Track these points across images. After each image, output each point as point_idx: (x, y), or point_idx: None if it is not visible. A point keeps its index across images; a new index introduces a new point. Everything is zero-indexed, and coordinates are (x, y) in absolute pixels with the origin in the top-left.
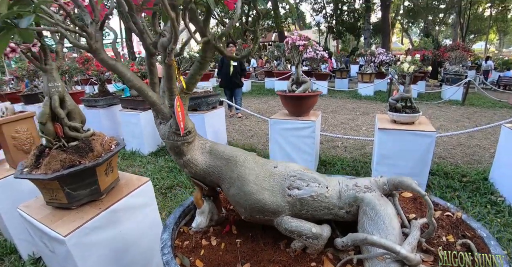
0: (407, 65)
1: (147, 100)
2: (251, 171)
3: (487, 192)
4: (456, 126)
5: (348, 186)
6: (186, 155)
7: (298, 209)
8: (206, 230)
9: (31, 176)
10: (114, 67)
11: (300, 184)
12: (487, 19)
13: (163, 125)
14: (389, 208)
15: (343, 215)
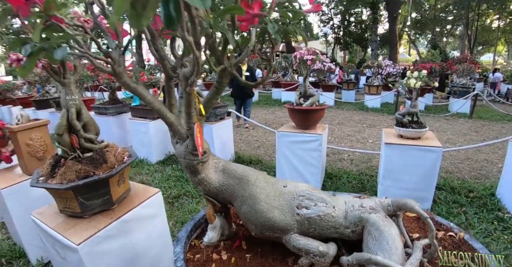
0: (414, 81)
1: (165, 121)
2: (262, 190)
3: (494, 208)
4: (464, 139)
5: (354, 207)
6: (200, 174)
7: (306, 227)
8: (217, 244)
9: (47, 185)
10: (135, 90)
11: (308, 203)
12: (495, 31)
13: (179, 144)
14: (393, 229)
15: (349, 234)
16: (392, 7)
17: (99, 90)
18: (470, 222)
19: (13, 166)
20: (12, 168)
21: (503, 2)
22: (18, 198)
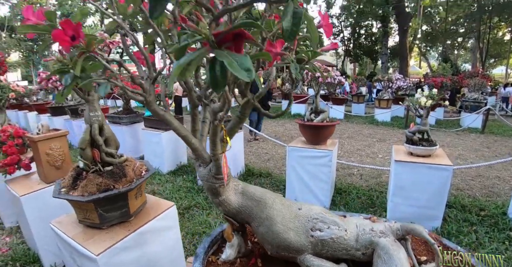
0: (425, 100)
1: (190, 147)
2: (279, 213)
3: (506, 228)
4: (475, 155)
5: (365, 230)
6: (221, 196)
7: (319, 249)
8: (233, 261)
9: (69, 197)
10: (164, 117)
11: (322, 226)
12: (507, 44)
13: (202, 168)
14: (401, 253)
15: (360, 256)
16: (402, 20)
17: (112, 97)
18: (480, 242)
19: (30, 173)
20: (30, 175)
21: None
22: (36, 205)
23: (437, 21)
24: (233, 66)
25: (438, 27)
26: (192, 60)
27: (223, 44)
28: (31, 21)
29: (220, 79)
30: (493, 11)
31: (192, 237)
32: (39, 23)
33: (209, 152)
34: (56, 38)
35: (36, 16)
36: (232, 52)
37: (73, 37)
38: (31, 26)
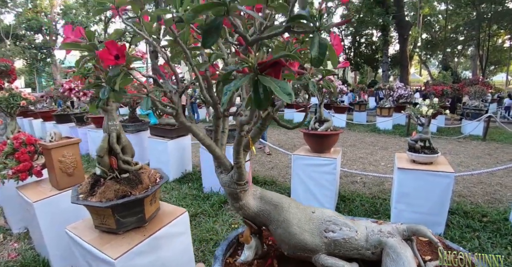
0: (426, 109)
1: (214, 155)
2: (295, 216)
3: (508, 233)
4: (477, 162)
5: (374, 231)
6: (242, 200)
7: (333, 248)
8: (251, 262)
9: (88, 202)
10: (190, 128)
11: (334, 228)
12: (507, 51)
13: (224, 174)
14: (408, 251)
15: (369, 255)
16: (402, 29)
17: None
18: (483, 247)
19: (41, 180)
20: (41, 182)
21: None
22: (48, 211)
23: (436, 29)
24: (277, 90)
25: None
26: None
27: (264, 71)
28: (70, 39)
29: (264, 100)
30: (492, 19)
31: (200, 244)
32: (77, 40)
33: (233, 160)
34: (102, 57)
35: (74, 34)
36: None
37: (117, 56)
38: (73, 44)
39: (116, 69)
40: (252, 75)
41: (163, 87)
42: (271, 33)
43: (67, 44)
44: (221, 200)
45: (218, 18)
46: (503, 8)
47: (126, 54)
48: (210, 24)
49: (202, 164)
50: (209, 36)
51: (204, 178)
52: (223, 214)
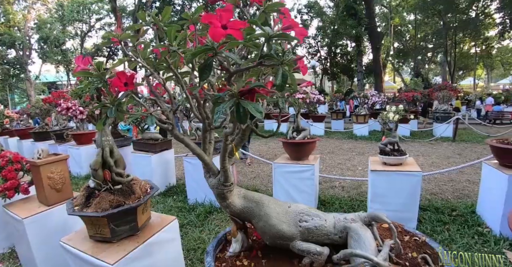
0: (392, 115)
1: (203, 162)
2: (274, 210)
3: (475, 224)
4: (448, 162)
5: (340, 219)
6: (228, 199)
7: (306, 235)
8: (238, 254)
9: (84, 213)
10: (183, 140)
11: (307, 218)
12: (473, 56)
13: (212, 178)
14: (368, 233)
15: (337, 239)
16: (374, 39)
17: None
18: (452, 238)
19: (29, 197)
20: (28, 199)
21: (477, 30)
22: (38, 227)
23: (407, 38)
24: (252, 110)
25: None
26: (226, 107)
27: (243, 96)
28: (81, 68)
29: (244, 117)
30: (457, 27)
31: (188, 253)
32: (87, 68)
33: (220, 165)
34: (115, 84)
35: (83, 63)
36: (249, 101)
37: (126, 83)
38: (85, 72)
39: (125, 93)
40: (235, 100)
41: (161, 107)
42: (248, 66)
43: (80, 72)
44: (206, 210)
45: (210, 58)
46: (467, 17)
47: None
48: (204, 63)
49: (186, 177)
50: (204, 72)
51: (189, 190)
52: (209, 223)
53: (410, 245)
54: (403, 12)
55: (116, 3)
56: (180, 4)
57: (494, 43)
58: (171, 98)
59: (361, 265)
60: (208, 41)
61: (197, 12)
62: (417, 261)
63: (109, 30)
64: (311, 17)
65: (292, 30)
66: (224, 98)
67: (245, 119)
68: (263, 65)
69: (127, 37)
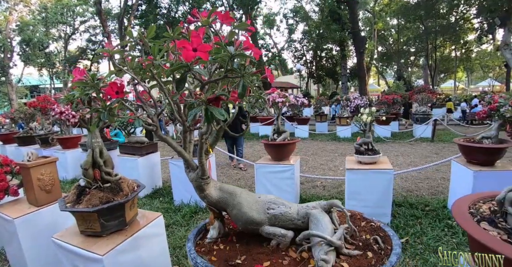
0: (366, 116)
1: (184, 158)
2: (245, 200)
3: (445, 218)
4: (425, 161)
5: (303, 207)
6: (206, 191)
7: (273, 221)
8: (215, 240)
9: (76, 209)
10: (166, 139)
11: (274, 206)
12: (453, 60)
13: (191, 173)
14: (326, 218)
15: (300, 224)
16: (358, 43)
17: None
18: (424, 231)
19: (18, 199)
20: (17, 201)
21: (457, 35)
22: (29, 227)
23: (390, 42)
24: (217, 114)
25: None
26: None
27: (210, 102)
28: (78, 78)
29: (211, 118)
30: (438, 32)
31: (174, 250)
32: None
33: (197, 161)
34: (108, 92)
35: (79, 74)
36: (215, 106)
37: (117, 92)
38: (82, 82)
39: (116, 100)
40: (204, 106)
41: (147, 111)
42: (216, 78)
43: (77, 82)
44: (192, 210)
45: (184, 73)
46: (447, 22)
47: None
48: (180, 77)
49: (172, 179)
50: (180, 85)
51: (175, 191)
52: (195, 223)
53: (365, 229)
54: (386, 17)
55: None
56: (166, 7)
57: (473, 47)
58: (155, 103)
59: (318, 243)
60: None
61: (177, 31)
62: (370, 241)
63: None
64: (296, 21)
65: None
66: (196, 104)
67: (212, 121)
68: (228, 77)
69: (117, 53)
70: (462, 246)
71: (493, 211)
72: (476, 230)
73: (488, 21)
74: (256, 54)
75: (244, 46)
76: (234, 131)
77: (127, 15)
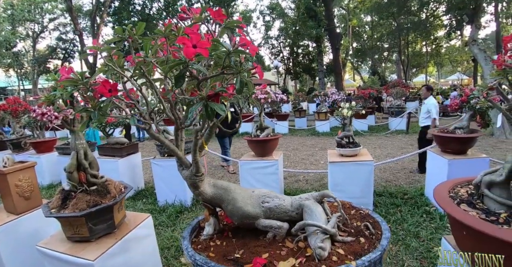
0: (346, 111)
1: (177, 156)
2: (240, 195)
3: (423, 204)
4: (401, 152)
5: (296, 199)
6: (200, 188)
7: (268, 214)
8: (211, 237)
9: (62, 214)
10: (158, 137)
11: (268, 200)
12: (424, 55)
13: (185, 170)
14: (319, 208)
15: (295, 215)
16: (334, 39)
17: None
18: (404, 218)
19: None
20: None
21: (427, 31)
22: (8, 236)
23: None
24: (218, 109)
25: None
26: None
27: (210, 98)
28: (65, 76)
29: (211, 115)
30: (409, 28)
31: (162, 251)
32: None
33: (191, 158)
34: (100, 90)
35: (67, 72)
36: (215, 102)
37: (110, 90)
38: (71, 81)
39: (109, 99)
40: (204, 102)
41: (139, 109)
42: (213, 74)
43: (66, 81)
44: (177, 210)
45: (183, 70)
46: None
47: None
48: (179, 74)
49: (155, 179)
50: (179, 81)
51: (158, 192)
52: (181, 222)
53: (355, 217)
54: (360, 14)
55: (71, 2)
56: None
57: (442, 43)
58: (147, 101)
59: (314, 232)
60: (181, 56)
61: (168, 28)
62: (361, 228)
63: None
64: (273, 18)
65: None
66: (195, 101)
67: (212, 116)
68: (225, 74)
69: (107, 50)
70: (440, 230)
71: (470, 194)
72: (457, 212)
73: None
74: (253, 50)
75: (241, 43)
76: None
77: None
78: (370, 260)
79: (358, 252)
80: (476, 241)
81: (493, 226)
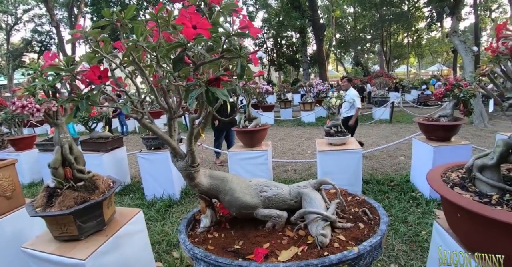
0: (335, 100)
1: (170, 147)
2: (237, 185)
3: (409, 191)
4: (386, 141)
5: (294, 187)
6: (196, 179)
7: (267, 203)
8: (208, 229)
9: (48, 213)
10: (151, 127)
11: (266, 189)
12: (406, 46)
13: (180, 161)
14: (318, 195)
15: (293, 204)
16: (318, 30)
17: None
18: (392, 204)
19: None
20: None
21: (409, 22)
22: None
23: (348, 30)
24: (220, 94)
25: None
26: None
27: (211, 83)
28: (49, 63)
29: (212, 99)
30: (392, 20)
31: (153, 246)
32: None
33: (186, 148)
34: (89, 77)
35: (51, 58)
36: (216, 87)
37: (100, 76)
38: (55, 67)
39: (98, 86)
40: (205, 86)
41: (130, 98)
42: (211, 59)
43: (50, 67)
44: (166, 204)
45: (182, 53)
46: (400, 10)
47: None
48: (177, 57)
49: (142, 173)
50: (177, 65)
51: (146, 186)
52: (170, 216)
53: (352, 203)
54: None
55: None
56: None
57: (423, 34)
58: (138, 89)
59: (314, 220)
60: (179, 38)
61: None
62: (359, 214)
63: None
64: (256, 9)
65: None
66: (195, 85)
67: (214, 102)
68: (224, 58)
69: (95, 34)
70: (427, 215)
71: (461, 178)
72: (452, 195)
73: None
74: (255, 33)
75: (241, 25)
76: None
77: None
78: (371, 244)
79: (359, 237)
80: (471, 222)
81: (488, 207)
